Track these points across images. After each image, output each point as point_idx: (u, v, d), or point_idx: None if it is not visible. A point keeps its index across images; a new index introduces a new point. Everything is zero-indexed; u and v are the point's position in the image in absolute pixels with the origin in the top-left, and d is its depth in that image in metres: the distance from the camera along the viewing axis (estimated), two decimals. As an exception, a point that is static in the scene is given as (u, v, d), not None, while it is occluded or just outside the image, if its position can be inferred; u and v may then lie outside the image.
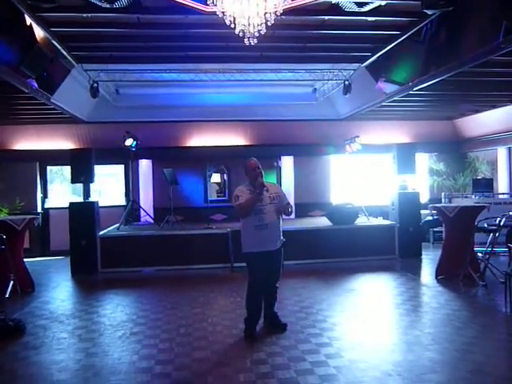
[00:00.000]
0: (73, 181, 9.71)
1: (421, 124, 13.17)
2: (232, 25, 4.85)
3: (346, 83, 9.84)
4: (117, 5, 5.75)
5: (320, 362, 4.33)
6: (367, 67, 9.01)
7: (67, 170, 10.63)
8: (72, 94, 9.48)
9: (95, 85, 9.36)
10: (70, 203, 9.59)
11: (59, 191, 12.96)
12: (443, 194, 11.76)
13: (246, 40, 4.99)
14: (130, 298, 7.37)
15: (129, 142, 10.47)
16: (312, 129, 12.67)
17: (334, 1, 6.13)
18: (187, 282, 8.21)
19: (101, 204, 10.12)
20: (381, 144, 12.73)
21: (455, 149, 13.46)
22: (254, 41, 4.99)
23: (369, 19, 6.76)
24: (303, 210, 12.40)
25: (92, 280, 8.81)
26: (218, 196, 13.07)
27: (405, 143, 11.86)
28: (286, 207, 5.28)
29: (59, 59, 8.01)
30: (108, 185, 13.33)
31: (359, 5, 6.12)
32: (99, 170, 10.93)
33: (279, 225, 5.23)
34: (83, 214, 9.28)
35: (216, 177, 13.03)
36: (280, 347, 4.78)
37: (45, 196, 12.41)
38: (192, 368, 4.34)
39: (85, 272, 9.05)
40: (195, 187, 12.65)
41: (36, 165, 12.28)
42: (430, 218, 10.96)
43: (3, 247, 6.50)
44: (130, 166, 12.29)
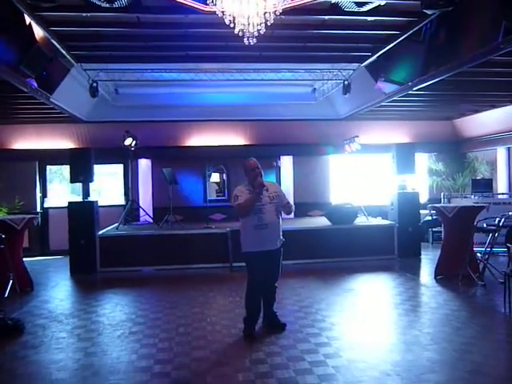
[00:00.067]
0: (72, 180, 9.69)
1: (420, 124, 13.18)
2: (232, 24, 4.85)
3: (346, 83, 9.86)
4: (116, 4, 5.75)
5: (319, 362, 4.33)
6: (367, 67, 9.01)
7: (66, 170, 10.62)
8: (71, 94, 9.48)
9: (94, 84, 9.35)
10: (69, 203, 9.60)
11: (58, 191, 12.96)
12: (442, 194, 11.76)
13: (246, 40, 4.99)
14: (129, 298, 7.37)
15: (128, 142, 10.46)
16: (311, 128, 12.67)
17: (334, 0, 6.14)
18: (186, 282, 8.21)
19: (100, 203, 10.12)
20: (380, 144, 12.73)
21: (454, 149, 13.47)
22: (254, 40, 4.99)
23: (368, 19, 6.76)
24: (302, 210, 12.38)
25: (91, 279, 8.81)
26: (218, 196, 13.07)
27: (404, 143, 11.86)
28: (287, 206, 5.29)
29: (58, 58, 8.00)
30: (107, 184, 13.32)
31: (359, 4, 6.12)
32: (98, 170, 10.94)
33: (279, 224, 5.22)
34: (82, 214, 9.28)
35: (215, 176, 13.03)
36: (279, 347, 4.78)
37: (44, 195, 12.41)
38: (191, 367, 4.34)
39: (84, 271, 9.05)
40: (194, 187, 12.65)
41: (35, 164, 12.28)
42: (429, 218, 10.97)
43: (2, 246, 6.52)
44: (130, 166, 12.29)
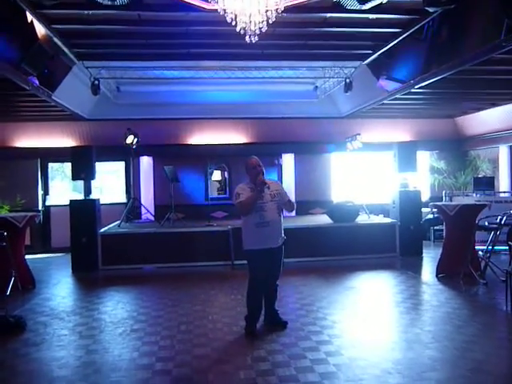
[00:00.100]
0: (74, 178, 9.69)
1: (422, 122, 13.16)
2: (233, 22, 4.84)
3: (348, 81, 9.82)
4: (118, 2, 5.73)
5: (320, 360, 4.33)
6: (368, 65, 9.00)
7: (68, 167, 10.64)
8: (73, 92, 9.48)
9: (96, 82, 9.33)
10: (71, 200, 9.61)
11: (60, 188, 12.98)
12: (444, 193, 11.76)
13: (247, 37, 4.99)
14: (131, 295, 7.38)
15: (130, 140, 10.46)
16: (313, 126, 12.66)
17: (335, -2, 6.12)
18: (188, 280, 8.21)
19: (102, 201, 10.11)
20: (382, 142, 12.72)
21: (456, 147, 13.45)
22: (255, 38, 4.98)
23: (370, 17, 6.73)
24: (304, 208, 12.37)
25: (93, 277, 8.82)
26: (219, 193, 13.08)
27: (406, 141, 11.84)
28: (289, 204, 5.30)
29: (60, 56, 7.99)
30: (109, 182, 13.34)
31: (361, 2, 6.08)
32: (100, 167, 10.96)
33: (280, 222, 5.22)
34: (84, 212, 9.30)
35: (217, 174, 13.03)
36: (280, 345, 4.78)
37: (46, 193, 12.43)
38: (192, 365, 4.35)
39: (85, 269, 9.06)
40: (196, 185, 12.66)
41: (37, 162, 12.29)
42: (431, 217, 10.98)
43: (4, 244, 6.51)
44: (131, 164, 12.29)
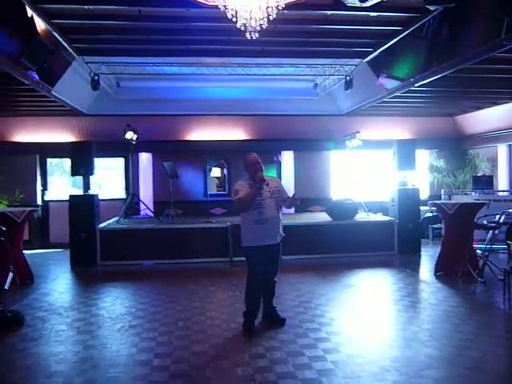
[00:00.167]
0: (73, 173, 9.69)
1: (421, 120, 13.16)
2: (234, 18, 4.82)
3: (348, 78, 9.83)
4: (118, -3, 5.74)
5: (318, 357, 4.34)
6: (369, 63, 8.99)
7: (67, 163, 10.62)
8: (73, 87, 9.45)
9: (96, 77, 9.33)
10: (70, 196, 9.60)
11: (59, 184, 12.96)
12: (443, 191, 11.78)
13: (248, 34, 4.97)
14: (129, 291, 7.38)
15: (129, 135, 10.44)
16: (313, 124, 12.65)
17: (336, -5, 6.11)
18: (186, 276, 8.21)
19: (101, 197, 10.12)
20: (381, 140, 12.71)
21: (455, 146, 13.45)
22: (256, 35, 4.96)
23: (371, 14, 6.73)
24: (303, 205, 12.31)
25: (91, 273, 8.83)
26: (218, 190, 13.06)
27: (405, 139, 11.86)
28: (288, 201, 5.30)
29: (60, 51, 7.98)
30: (108, 178, 13.32)
31: (362, 0, 6.09)
32: (99, 163, 10.94)
33: (279, 219, 5.21)
34: (83, 207, 9.29)
35: (216, 171, 13.01)
36: (278, 341, 4.79)
37: (44, 188, 12.41)
38: (190, 361, 4.35)
39: (84, 265, 9.06)
40: (195, 181, 12.67)
41: (36, 157, 12.27)
42: (430, 215, 10.98)
43: (3, 239, 6.51)
44: (130, 159, 12.27)
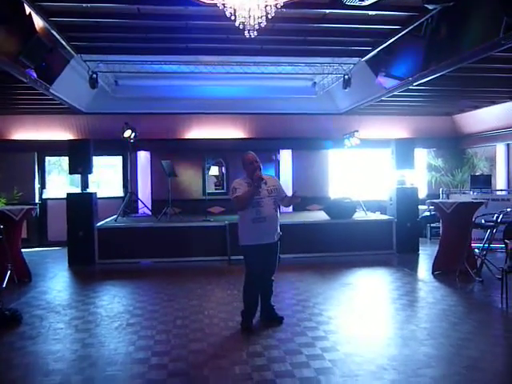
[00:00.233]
0: (71, 171, 9.66)
1: (420, 119, 13.17)
2: (232, 17, 4.82)
3: (346, 77, 9.83)
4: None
5: (316, 356, 4.35)
6: (367, 61, 8.99)
7: (65, 161, 10.61)
8: (71, 85, 9.44)
9: (94, 75, 9.31)
10: (68, 194, 9.60)
11: (57, 182, 12.94)
12: (441, 190, 11.78)
13: (247, 32, 4.97)
14: (127, 290, 7.38)
15: (127, 134, 10.43)
16: (311, 123, 12.65)
17: (335, -6, 6.11)
18: (184, 275, 8.21)
19: (99, 195, 10.11)
20: (380, 139, 12.72)
21: (454, 145, 13.47)
22: (254, 33, 4.96)
23: (370, 13, 6.73)
24: (301, 204, 12.30)
25: (89, 271, 8.82)
26: (216, 189, 13.06)
27: (404, 138, 11.85)
28: (286, 200, 5.31)
29: (58, 49, 7.96)
30: (106, 176, 13.30)
31: (360, -2, 6.10)
32: (97, 161, 10.92)
33: (277, 218, 5.21)
34: (81, 205, 9.28)
35: (214, 169, 13.02)
36: (276, 340, 4.79)
37: (43, 186, 12.39)
38: (188, 360, 4.35)
39: (82, 263, 9.06)
40: (193, 180, 12.66)
41: (34, 155, 12.24)
42: (428, 214, 10.94)
43: (1, 237, 6.51)
44: (129, 158, 12.26)
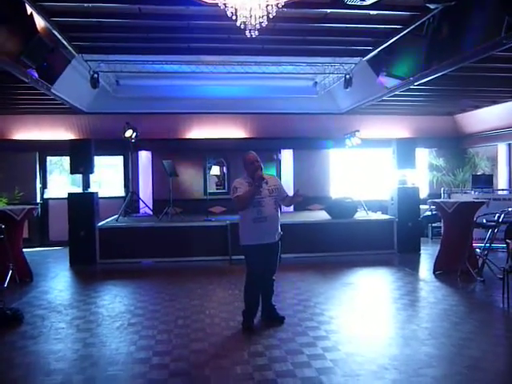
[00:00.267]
0: (72, 171, 9.66)
1: (421, 119, 13.15)
2: (233, 17, 4.82)
3: (347, 77, 9.81)
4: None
5: (317, 355, 4.34)
6: (368, 61, 8.98)
7: (67, 161, 10.60)
8: (72, 85, 9.44)
9: (95, 75, 9.31)
10: (69, 194, 9.60)
11: (58, 182, 12.96)
12: (442, 190, 11.77)
13: (248, 32, 4.97)
14: (129, 289, 7.38)
15: (128, 134, 10.44)
16: (312, 122, 12.64)
17: (336, -6, 6.11)
18: (186, 274, 8.22)
19: (100, 195, 10.12)
20: (381, 138, 12.70)
21: (455, 144, 13.45)
22: (256, 33, 4.96)
23: (371, 13, 6.73)
24: (302, 204, 12.31)
25: (90, 271, 8.83)
26: (218, 188, 13.06)
27: (405, 138, 11.84)
28: (287, 199, 5.31)
29: (60, 49, 7.96)
30: (107, 176, 13.32)
31: (361, -2, 6.09)
32: (99, 161, 10.94)
33: (278, 217, 5.21)
34: (82, 205, 9.29)
35: (215, 169, 13.02)
36: (277, 340, 4.79)
37: (44, 186, 12.40)
38: (189, 359, 4.36)
39: (83, 263, 9.07)
40: (194, 179, 12.67)
41: (35, 155, 12.26)
42: (429, 214, 10.93)
43: (2, 237, 6.51)
44: (130, 158, 12.27)
